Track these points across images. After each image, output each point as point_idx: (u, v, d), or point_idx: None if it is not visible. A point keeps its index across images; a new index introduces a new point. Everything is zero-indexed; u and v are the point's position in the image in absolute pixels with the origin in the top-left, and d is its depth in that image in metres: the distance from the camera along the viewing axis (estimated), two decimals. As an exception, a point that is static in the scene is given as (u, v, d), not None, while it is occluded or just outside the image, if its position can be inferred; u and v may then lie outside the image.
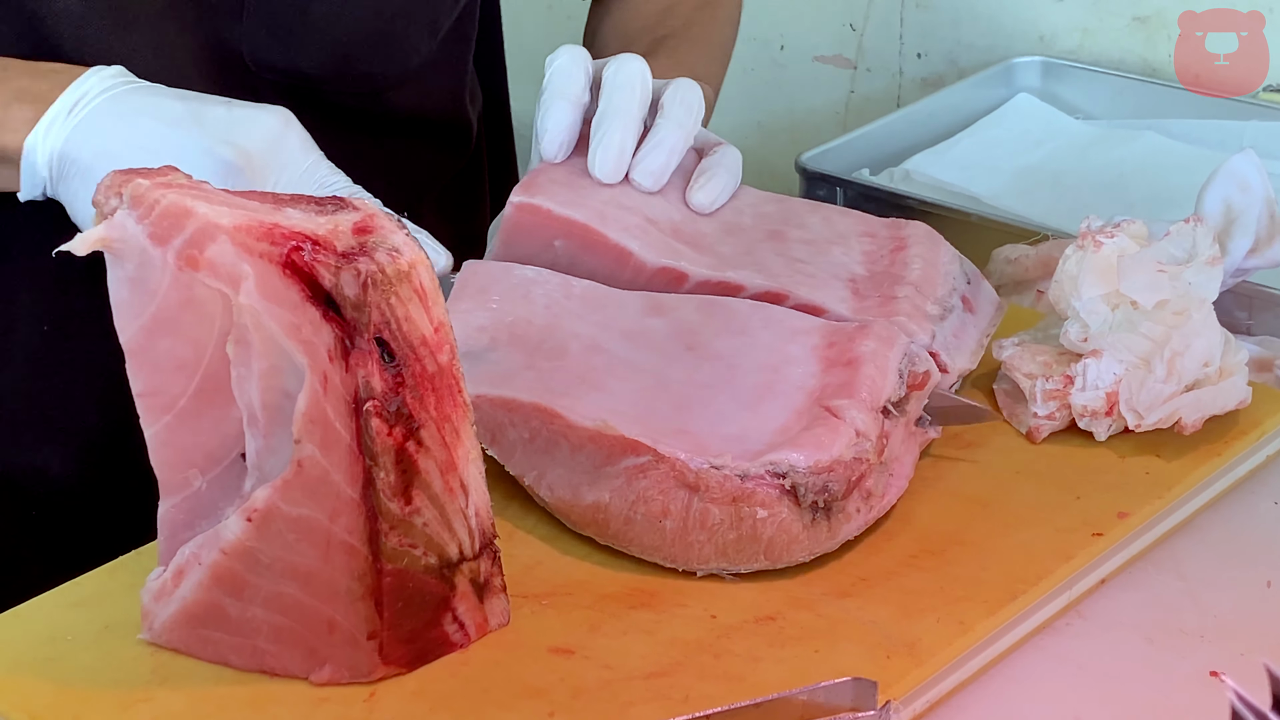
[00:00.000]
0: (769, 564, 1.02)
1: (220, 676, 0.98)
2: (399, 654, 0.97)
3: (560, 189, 1.19)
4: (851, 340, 1.09)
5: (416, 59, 1.36)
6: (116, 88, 1.14)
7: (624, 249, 1.16)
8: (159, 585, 0.98)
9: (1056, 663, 1.01)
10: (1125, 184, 1.63)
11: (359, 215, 0.93)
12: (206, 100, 1.15)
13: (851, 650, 0.97)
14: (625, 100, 1.19)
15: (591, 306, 1.14)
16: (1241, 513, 1.14)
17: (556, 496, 1.06)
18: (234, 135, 1.12)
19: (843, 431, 1.03)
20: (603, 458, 1.03)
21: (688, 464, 1.01)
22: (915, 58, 2.01)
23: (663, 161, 1.19)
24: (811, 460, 1.01)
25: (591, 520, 1.04)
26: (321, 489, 0.93)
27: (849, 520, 1.03)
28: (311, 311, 0.91)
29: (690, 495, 1.01)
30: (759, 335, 1.11)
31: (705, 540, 1.02)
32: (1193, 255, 1.14)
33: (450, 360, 0.94)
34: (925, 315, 1.14)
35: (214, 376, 0.94)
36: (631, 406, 1.06)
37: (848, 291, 1.16)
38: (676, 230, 1.19)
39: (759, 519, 1.01)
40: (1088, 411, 1.13)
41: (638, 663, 0.97)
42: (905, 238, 1.21)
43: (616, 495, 1.03)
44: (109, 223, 0.92)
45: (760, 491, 1.01)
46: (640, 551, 1.03)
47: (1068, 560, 1.04)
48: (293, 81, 1.30)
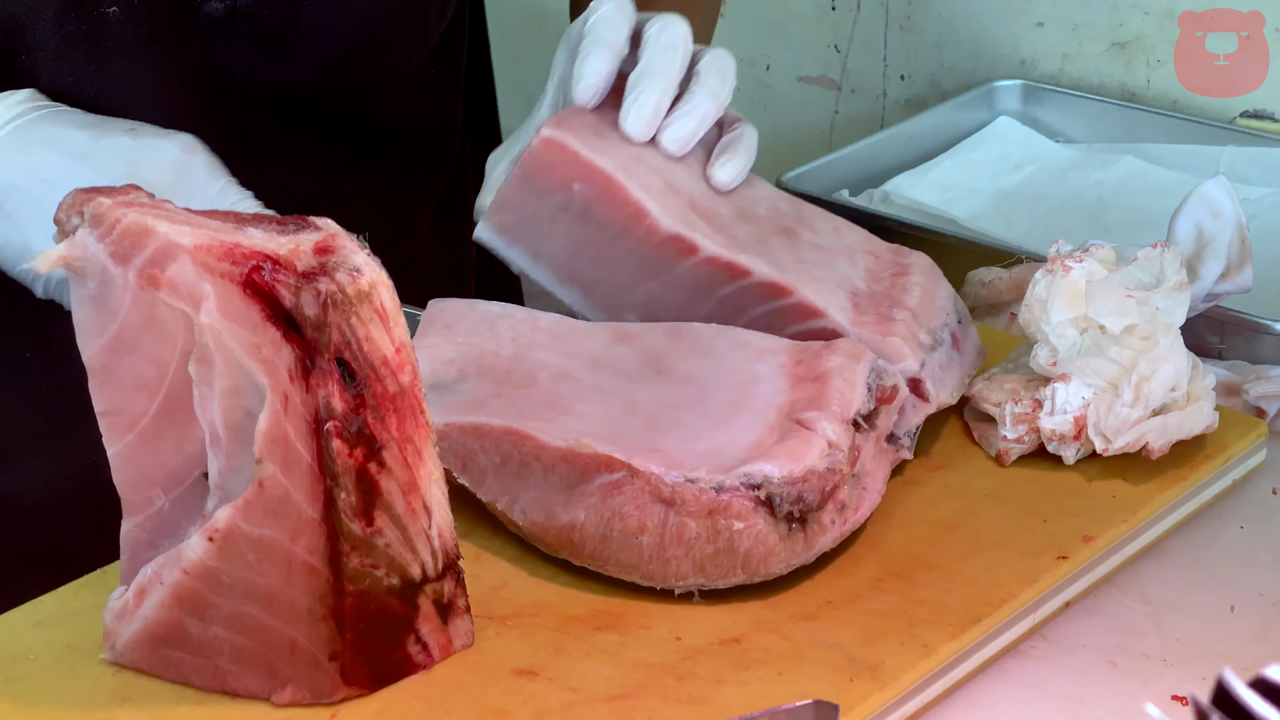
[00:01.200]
0: (747, 578, 1.02)
1: (182, 697, 0.97)
2: (361, 675, 0.96)
3: (590, 134, 1.16)
4: (819, 357, 1.09)
5: (407, 69, 1.36)
6: (22, 116, 1.13)
7: (642, 207, 1.14)
8: (121, 605, 0.98)
9: (1020, 686, 1.01)
10: (1104, 207, 1.64)
11: (320, 235, 0.93)
12: (110, 128, 1.13)
13: (815, 673, 0.97)
14: (667, 61, 1.17)
15: (558, 337, 1.14)
16: (1207, 537, 1.14)
17: (530, 520, 1.06)
18: (136, 167, 1.11)
19: (815, 442, 1.03)
20: (576, 477, 1.03)
21: (663, 478, 1.01)
22: (899, 79, 2.02)
23: (692, 129, 1.17)
24: (785, 471, 1.02)
25: (567, 541, 1.04)
26: (283, 509, 0.93)
27: (824, 532, 1.03)
28: (272, 331, 0.91)
29: (666, 510, 1.01)
30: (726, 356, 1.11)
31: (683, 555, 1.02)
32: (1160, 280, 1.15)
33: (412, 381, 0.94)
34: (919, 342, 1.14)
35: (176, 395, 0.94)
36: (603, 427, 1.06)
37: (849, 302, 1.15)
38: (694, 203, 1.17)
39: (736, 531, 1.01)
40: (1056, 435, 1.13)
41: (601, 685, 0.97)
42: (908, 265, 1.21)
43: (591, 514, 1.03)
44: (70, 241, 0.92)
45: (736, 503, 1.01)
46: (617, 570, 1.03)
47: (1032, 583, 1.04)
48: (285, 97, 1.30)
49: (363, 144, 1.37)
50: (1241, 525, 1.15)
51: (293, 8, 1.26)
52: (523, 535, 1.07)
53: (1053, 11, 1.84)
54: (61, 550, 1.30)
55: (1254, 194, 1.58)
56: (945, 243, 1.49)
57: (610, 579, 1.04)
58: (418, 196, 1.44)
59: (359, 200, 1.16)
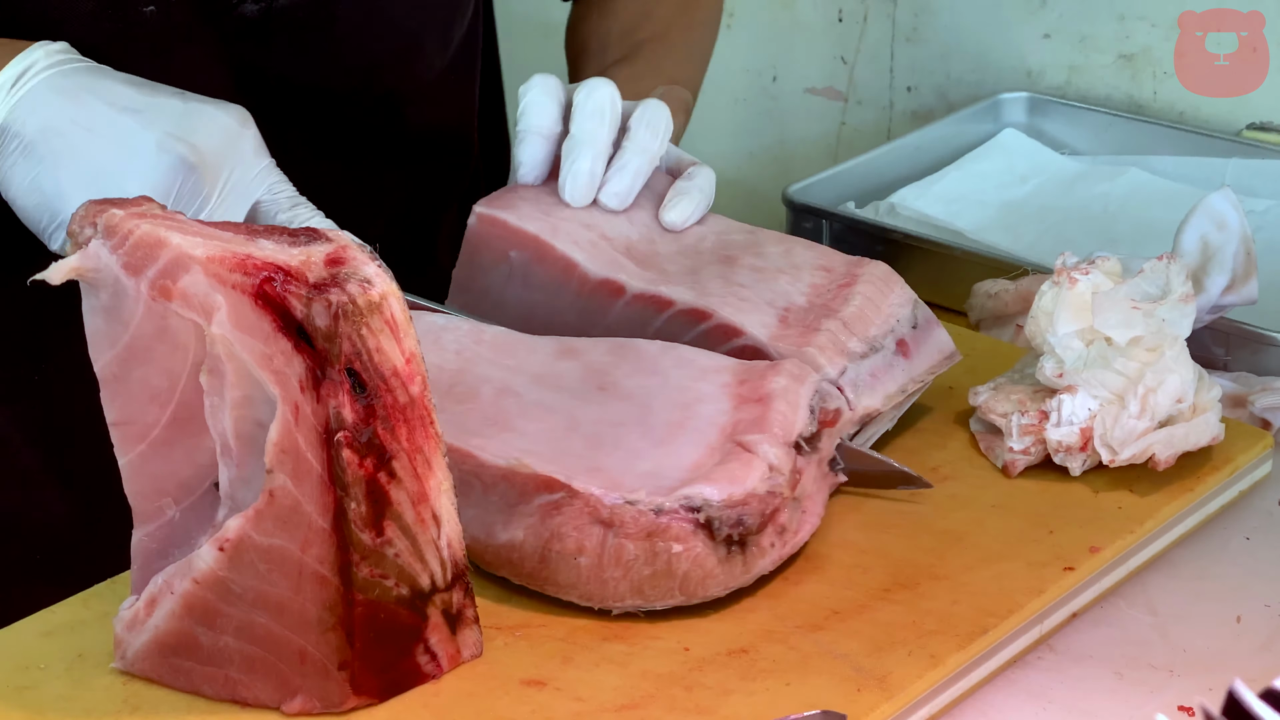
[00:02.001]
0: (684, 599, 1.02)
1: (192, 706, 0.98)
2: (370, 684, 0.97)
3: (525, 204, 1.24)
4: (763, 378, 1.09)
5: (432, 73, 1.38)
6: (64, 64, 1.12)
7: (570, 260, 1.20)
8: (131, 614, 0.99)
9: (1027, 697, 1.02)
10: (1109, 219, 1.64)
11: (331, 246, 0.94)
12: (158, 89, 1.12)
13: (822, 683, 0.98)
14: (593, 127, 1.23)
15: (502, 351, 1.15)
16: (1213, 548, 1.14)
17: (470, 536, 1.04)
18: (188, 130, 1.10)
19: (755, 465, 1.03)
20: (516, 496, 1.03)
21: (602, 499, 1.01)
22: (905, 91, 2.02)
23: (627, 185, 1.24)
24: (725, 494, 1.02)
25: (505, 560, 1.04)
26: (293, 519, 0.93)
27: (764, 555, 1.03)
28: (283, 342, 0.91)
29: (605, 531, 1.01)
30: (670, 375, 1.11)
31: (620, 577, 1.02)
32: (1166, 292, 1.15)
33: (422, 391, 0.95)
34: (843, 350, 1.14)
35: (187, 406, 0.95)
36: (544, 446, 1.06)
37: (775, 320, 1.16)
38: (629, 248, 1.22)
39: (674, 554, 1.01)
40: (1062, 447, 1.14)
41: (610, 695, 0.98)
42: (858, 275, 1.21)
43: (530, 533, 1.03)
44: (83, 252, 0.92)
45: (675, 526, 1.01)
46: (556, 590, 1.03)
47: (1039, 594, 1.04)
48: (316, 100, 1.31)
49: (388, 148, 1.38)
50: (1247, 536, 1.15)
51: (327, 11, 1.28)
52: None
53: (1059, 24, 1.84)
54: (84, 571, 1.30)
55: (1259, 206, 1.58)
56: (951, 254, 1.50)
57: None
58: (439, 200, 1.45)
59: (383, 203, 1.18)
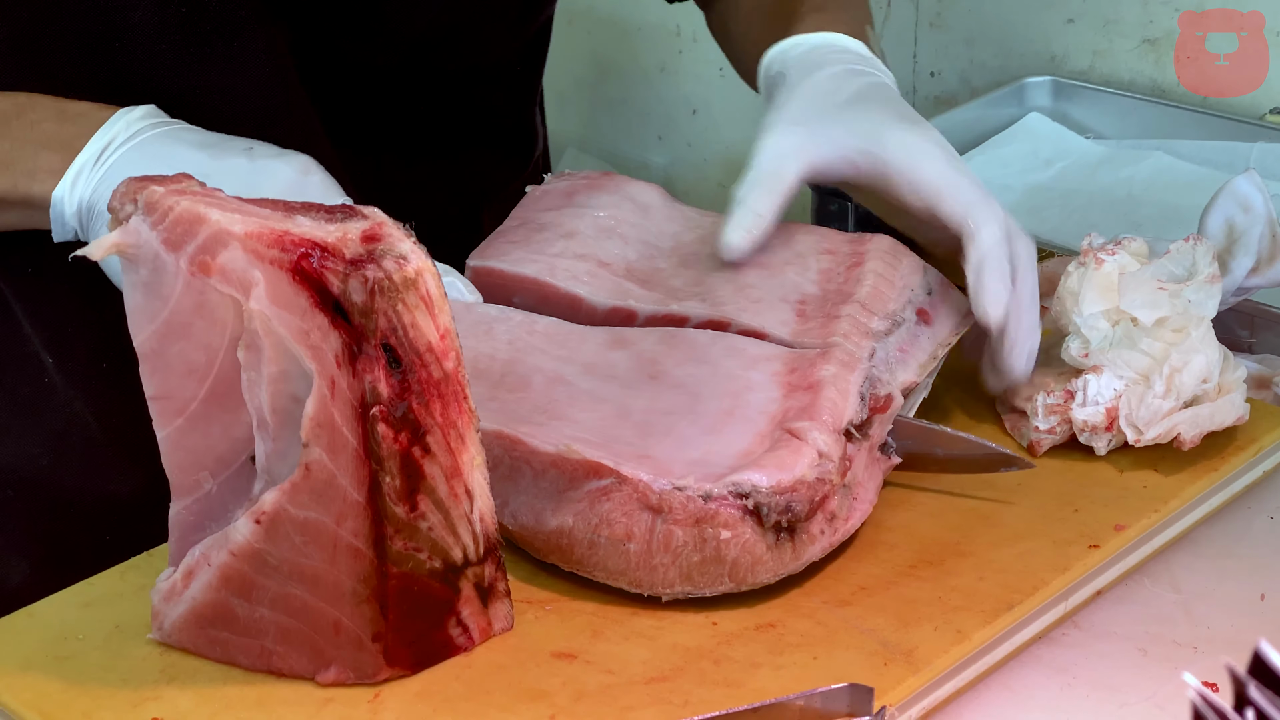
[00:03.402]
0: (734, 586, 1.02)
1: (228, 676, 0.99)
2: (403, 656, 0.98)
3: (515, 249, 1.22)
4: (813, 365, 1.09)
5: (490, 57, 1.39)
6: (143, 133, 1.14)
7: (574, 296, 1.19)
8: (169, 586, 1.00)
9: (1052, 672, 1.03)
10: (1134, 203, 1.65)
11: (367, 223, 0.95)
12: (228, 149, 1.14)
13: (849, 657, 0.99)
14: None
15: (554, 342, 1.15)
16: (1237, 527, 1.15)
17: (519, 524, 1.06)
18: (253, 189, 1.10)
19: (805, 452, 1.03)
20: (565, 482, 1.04)
21: (651, 485, 1.01)
22: (929, 76, 2.03)
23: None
24: (774, 480, 1.01)
25: (555, 546, 1.05)
26: (328, 492, 0.94)
27: (813, 542, 1.03)
28: (320, 317, 0.92)
29: (654, 517, 1.01)
30: (721, 363, 1.11)
31: (669, 563, 1.02)
32: (1192, 273, 1.16)
33: (456, 367, 0.96)
34: (867, 332, 1.13)
35: (225, 381, 0.96)
36: (594, 433, 1.06)
37: (792, 314, 1.15)
38: (630, 270, 1.21)
39: (723, 540, 1.01)
40: (1088, 426, 1.14)
41: (639, 668, 0.99)
42: (864, 253, 1.20)
43: (579, 519, 1.03)
44: (123, 229, 0.94)
45: (724, 512, 1.01)
46: (605, 576, 1.04)
47: (1064, 572, 1.05)
48: (370, 78, 1.33)
49: (439, 135, 1.39)
50: (1271, 516, 1.16)
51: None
52: (512, 540, 1.07)
53: (1083, 8, 1.84)
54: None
55: (1284, 189, 1.59)
56: (976, 237, 1.50)
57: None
58: (488, 191, 1.46)
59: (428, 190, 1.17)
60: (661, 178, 2.36)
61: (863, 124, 1.18)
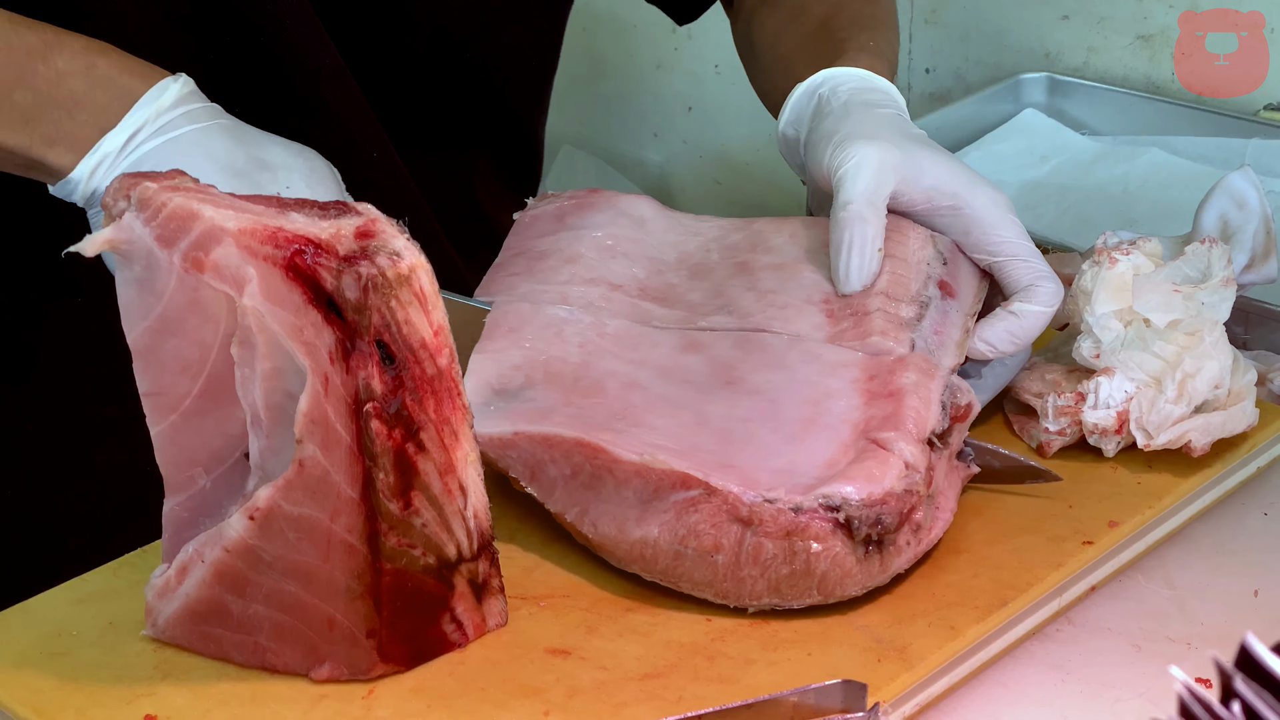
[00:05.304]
0: (822, 599, 1.01)
1: (222, 673, 0.99)
2: (397, 652, 0.98)
3: (519, 280, 1.19)
4: (892, 373, 1.08)
5: (511, 56, 1.40)
6: (172, 127, 1.12)
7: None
8: (163, 582, 1.00)
9: (1046, 669, 1.03)
10: (1129, 199, 1.65)
11: (361, 220, 0.95)
12: (252, 166, 1.13)
13: (843, 654, 0.99)
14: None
15: (626, 345, 1.13)
16: (1231, 523, 1.15)
17: (601, 533, 1.04)
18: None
19: (892, 464, 1.02)
20: (650, 492, 1.02)
21: (741, 497, 1.00)
22: (924, 73, 2.03)
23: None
24: (864, 493, 1.00)
25: (639, 556, 1.03)
26: (322, 489, 0.94)
27: (900, 554, 1.02)
28: (313, 314, 0.92)
29: (743, 529, 1.00)
30: (798, 369, 1.09)
31: (758, 575, 1.01)
32: (1207, 276, 1.15)
33: (450, 363, 0.96)
34: (901, 323, 1.11)
35: (218, 377, 0.96)
36: (675, 441, 1.04)
37: (822, 316, 1.13)
38: (643, 289, 1.18)
39: (813, 553, 1.00)
40: (1098, 429, 1.14)
41: (633, 664, 0.99)
42: None
43: (665, 530, 1.02)
44: (117, 225, 0.94)
45: (814, 525, 1.00)
46: (690, 587, 1.02)
47: (1058, 568, 1.05)
48: (395, 71, 1.33)
49: (466, 130, 1.40)
50: (1265, 512, 1.16)
51: None
52: (592, 548, 1.06)
53: (1078, 5, 1.84)
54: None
55: (1279, 186, 1.59)
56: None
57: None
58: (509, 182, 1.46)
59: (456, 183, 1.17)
60: (657, 175, 2.36)
61: (953, 164, 1.18)
